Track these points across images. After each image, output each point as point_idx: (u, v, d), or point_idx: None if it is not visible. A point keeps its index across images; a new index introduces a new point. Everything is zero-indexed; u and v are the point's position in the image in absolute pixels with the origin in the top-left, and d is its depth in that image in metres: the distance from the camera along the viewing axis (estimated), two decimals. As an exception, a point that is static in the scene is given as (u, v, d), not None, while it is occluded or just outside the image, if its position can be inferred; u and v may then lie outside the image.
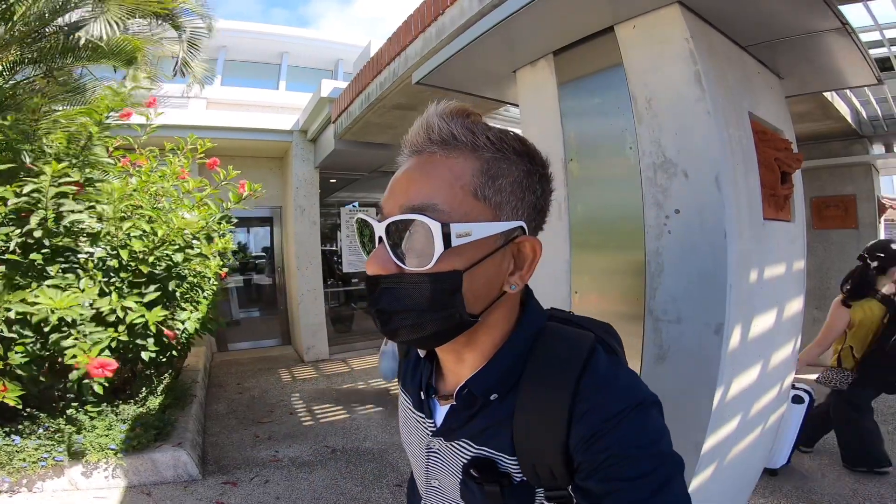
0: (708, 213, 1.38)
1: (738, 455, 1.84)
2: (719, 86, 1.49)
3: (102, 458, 2.72)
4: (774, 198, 1.75)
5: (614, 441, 0.48)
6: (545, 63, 2.10)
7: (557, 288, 1.90)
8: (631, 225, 1.61)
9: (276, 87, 12.83)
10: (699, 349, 1.48)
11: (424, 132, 0.53)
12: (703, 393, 1.48)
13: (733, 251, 1.37)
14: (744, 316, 1.55)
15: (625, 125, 1.64)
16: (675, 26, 1.54)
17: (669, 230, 1.47)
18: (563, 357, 0.54)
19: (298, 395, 4.66)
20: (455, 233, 0.48)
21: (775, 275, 1.80)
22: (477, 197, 0.51)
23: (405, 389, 0.71)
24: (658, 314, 1.55)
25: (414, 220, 0.49)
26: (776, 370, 2.03)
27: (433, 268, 0.49)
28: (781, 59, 2.07)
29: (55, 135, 2.87)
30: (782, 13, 1.71)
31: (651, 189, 1.51)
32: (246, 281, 6.97)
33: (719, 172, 1.35)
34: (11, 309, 2.22)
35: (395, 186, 0.54)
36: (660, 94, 1.53)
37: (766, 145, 1.72)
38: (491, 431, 0.57)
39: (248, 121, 5.75)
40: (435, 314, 0.50)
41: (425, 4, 2.88)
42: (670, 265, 1.48)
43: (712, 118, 1.37)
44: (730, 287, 1.38)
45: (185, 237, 3.06)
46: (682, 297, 1.48)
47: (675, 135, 1.46)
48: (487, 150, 0.52)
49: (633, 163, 1.59)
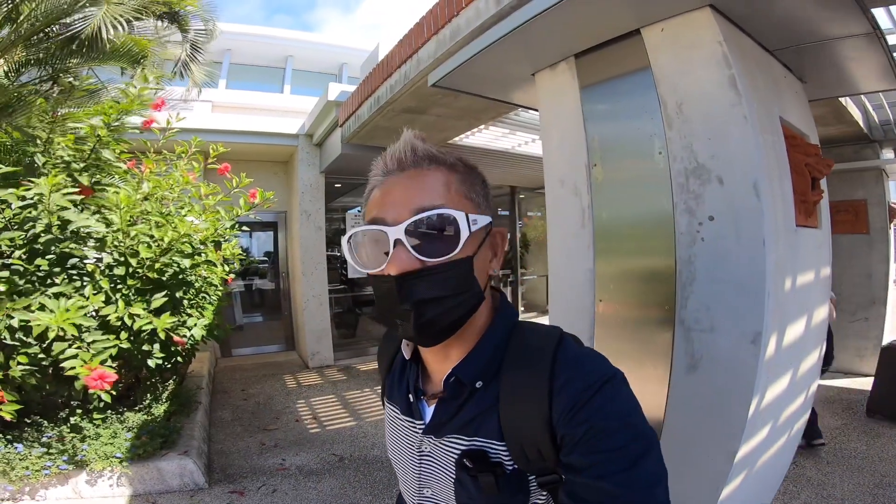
0: (744, 221, 1.33)
1: (766, 462, 1.80)
2: (753, 90, 1.46)
3: (107, 466, 2.66)
4: (805, 204, 1.71)
5: (593, 412, 0.52)
6: (566, 66, 2.06)
7: (580, 296, 1.86)
8: (660, 232, 1.57)
9: (281, 91, 12.81)
10: (734, 359, 1.44)
11: (411, 151, 0.60)
12: (737, 402, 1.45)
13: (771, 259, 1.33)
14: (779, 324, 1.51)
15: (653, 130, 1.60)
16: (708, 29, 1.50)
17: (703, 237, 1.43)
18: (537, 344, 0.61)
19: (304, 402, 4.59)
20: (472, 220, 0.57)
21: (806, 282, 1.76)
22: (466, 197, 0.60)
23: (392, 402, 0.75)
24: (689, 323, 1.51)
25: (438, 214, 0.56)
26: (804, 377, 2.00)
27: (457, 255, 0.57)
28: (806, 64, 2.04)
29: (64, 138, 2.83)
30: (812, 17, 1.68)
31: (683, 195, 1.47)
32: (248, 286, 6.91)
33: (757, 178, 1.31)
34: (14, 317, 2.16)
35: (394, 196, 0.59)
36: (691, 98, 1.49)
37: (797, 151, 1.68)
38: (479, 420, 0.61)
39: (253, 124, 5.70)
40: (462, 296, 0.58)
41: (438, 6, 2.84)
42: (703, 273, 1.44)
43: (748, 123, 1.33)
44: (768, 295, 1.34)
45: (193, 243, 3.01)
46: (715, 305, 1.43)
47: (709, 140, 1.42)
48: (458, 166, 0.62)
49: (662, 168, 1.55)
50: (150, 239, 2.77)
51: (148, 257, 2.72)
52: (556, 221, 1.98)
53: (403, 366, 0.72)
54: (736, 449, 1.45)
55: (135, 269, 2.72)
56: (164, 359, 2.86)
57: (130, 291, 2.70)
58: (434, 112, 3.83)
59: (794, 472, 2.90)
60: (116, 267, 2.68)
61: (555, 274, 1.99)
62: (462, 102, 3.57)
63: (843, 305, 4.63)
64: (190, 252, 2.99)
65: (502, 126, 4.50)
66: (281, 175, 6.60)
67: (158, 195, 3.09)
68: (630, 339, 1.74)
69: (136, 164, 3.23)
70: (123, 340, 2.55)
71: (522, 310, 7.91)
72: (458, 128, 4.27)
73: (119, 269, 2.68)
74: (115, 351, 2.51)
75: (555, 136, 2.03)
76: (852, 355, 4.74)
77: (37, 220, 2.42)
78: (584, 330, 1.86)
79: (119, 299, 2.60)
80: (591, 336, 1.85)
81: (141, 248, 2.70)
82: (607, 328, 1.80)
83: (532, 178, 7.18)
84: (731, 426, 1.45)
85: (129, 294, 2.69)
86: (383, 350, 0.82)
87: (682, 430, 1.58)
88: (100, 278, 2.58)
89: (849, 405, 4.03)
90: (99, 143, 2.79)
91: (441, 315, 0.57)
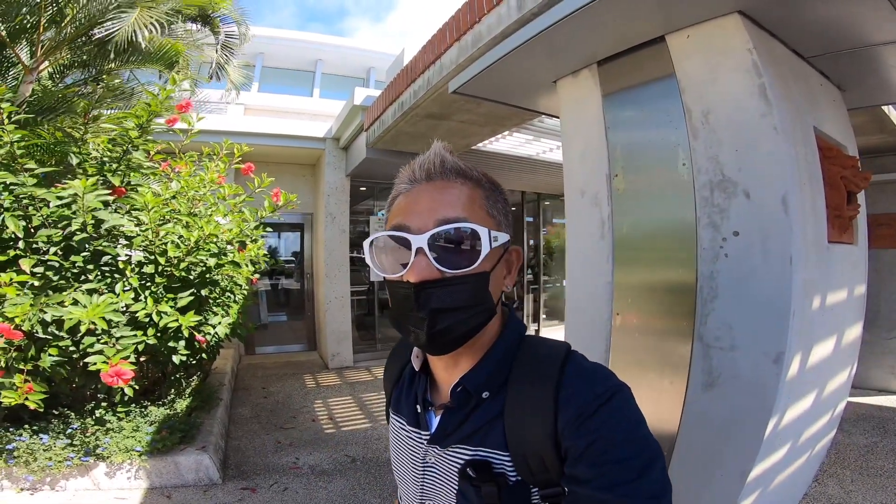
0: (772, 237, 1.27)
1: (782, 481, 1.73)
2: (785, 100, 1.39)
3: (126, 458, 2.74)
4: (839, 219, 1.62)
5: (600, 424, 0.52)
6: (588, 73, 2.02)
7: (598, 309, 1.81)
8: (681, 246, 1.51)
9: (311, 94, 13.06)
10: (754, 378, 1.38)
11: (440, 162, 0.61)
12: (754, 422, 1.40)
13: (798, 278, 1.26)
14: (804, 344, 1.44)
15: (677, 139, 1.55)
16: (736, 36, 1.44)
17: (726, 253, 1.37)
18: (544, 357, 0.61)
19: (321, 402, 4.64)
20: (493, 236, 0.58)
21: (837, 301, 1.67)
22: (489, 214, 0.61)
23: (398, 414, 0.75)
24: (709, 340, 1.44)
25: (463, 228, 0.57)
26: (830, 397, 1.90)
27: (476, 269, 0.58)
28: (844, 71, 1.94)
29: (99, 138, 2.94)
30: (850, 23, 1.60)
31: (706, 209, 1.41)
32: (274, 285, 7.03)
33: (786, 193, 1.25)
34: (47, 312, 2.25)
35: (420, 206, 0.60)
36: (718, 107, 1.43)
37: (832, 163, 1.59)
38: (484, 430, 0.61)
39: (283, 127, 5.81)
40: (476, 309, 0.59)
41: (461, 12, 2.84)
42: (726, 290, 1.38)
43: (779, 134, 1.27)
44: (793, 315, 1.27)
45: (219, 243, 3.08)
46: (737, 323, 1.37)
47: (736, 151, 1.36)
48: (484, 182, 0.63)
49: (685, 179, 1.50)
50: (178, 238, 2.85)
51: (175, 256, 2.79)
52: (576, 232, 1.94)
53: (412, 378, 0.73)
54: (749, 468, 1.42)
55: (163, 268, 2.79)
56: (188, 355, 2.93)
57: (159, 289, 2.78)
58: (457, 118, 3.82)
59: (815, 489, 2.77)
60: (146, 265, 2.77)
61: (572, 284, 1.95)
62: (485, 109, 3.55)
63: (881, 322, 4.42)
64: (216, 252, 3.06)
65: (526, 132, 4.46)
66: (308, 177, 6.71)
67: (189, 195, 3.18)
68: (647, 353, 1.68)
69: (168, 165, 3.33)
70: (150, 336, 2.62)
71: (544, 317, 7.81)
72: (482, 134, 4.25)
73: (148, 267, 2.76)
74: (142, 346, 2.58)
75: (576, 145, 1.99)
76: (887, 373, 4.52)
77: (72, 219, 2.52)
78: (601, 342, 1.81)
79: (148, 296, 2.68)
80: (606, 349, 1.80)
81: (169, 246, 2.78)
82: (624, 341, 1.75)
83: (557, 186, 7.09)
84: (746, 446, 1.42)
85: (157, 291, 2.77)
86: (391, 364, 0.82)
87: (695, 447, 1.54)
88: (130, 276, 2.66)
89: (880, 423, 3.84)
90: (130, 144, 2.89)
91: (454, 326, 0.58)
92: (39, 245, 2.51)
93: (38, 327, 2.27)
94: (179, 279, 2.87)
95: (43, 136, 3.27)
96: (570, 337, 1.96)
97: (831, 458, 3.10)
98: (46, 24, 3.95)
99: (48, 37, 4.05)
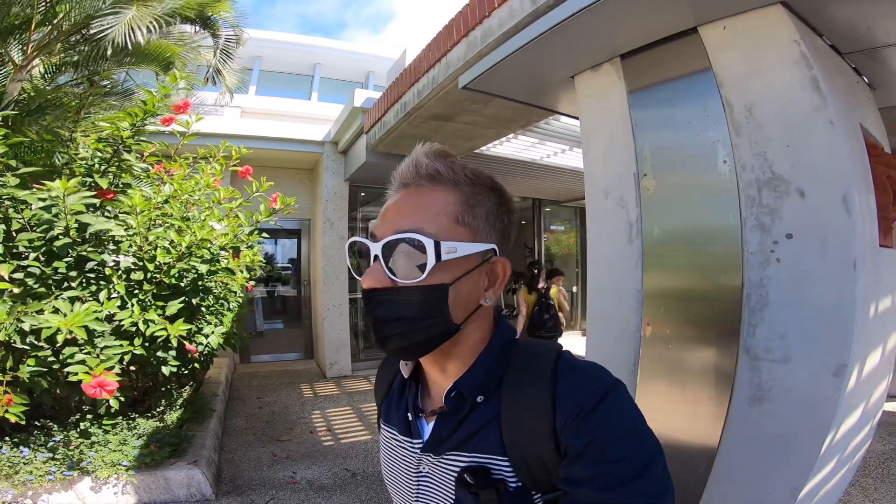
0: (832, 239, 1.15)
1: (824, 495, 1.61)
2: (838, 92, 1.28)
3: (113, 473, 2.58)
4: (885, 221, 1.51)
5: (597, 423, 0.51)
6: (611, 68, 1.91)
7: (625, 318, 1.69)
8: (723, 250, 1.39)
9: (309, 98, 12.96)
10: (810, 391, 1.27)
11: (414, 168, 0.60)
12: (810, 438, 1.29)
13: (861, 283, 1.15)
14: (861, 354, 1.33)
15: (716, 136, 1.43)
16: (782, 27, 1.34)
17: (778, 258, 1.25)
18: (537, 357, 0.60)
19: (319, 413, 4.48)
20: (444, 249, 0.55)
21: (885, 308, 1.56)
22: (459, 222, 0.58)
23: (388, 424, 0.73)
24: (758, 352, 1.32)
25: (409, 238, 0.56)
26: (873, 408, 1.81)
27: (424, 280, 0.55)
28: (878, 69, 1.85)
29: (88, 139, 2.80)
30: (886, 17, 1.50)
31: (753, 209, 1.30)
32: (271, 292, 6.87)
33: (847, 191, 1.13)
34: (25, 321, 2.10)
35: (387, 214, 0.60)
36: (764, 101, 1.32)
37: (878, 161, 1.49)
38: (480, 435, 0.59)
39: (280, 131, 5.69)
40: (424, 322, 0.57)
41: (469, 7, 2.73)
42: (777, 297, 1.26)
43: (836, 129, 1.16)
44: (856, 324, 1.16)
45: (212, 249, 2.93)
46: (791, 334, 1.25)
47: (787, 147, 1.25)
48: (466, 184, 0.60)
49: (727, 179, 1.38)
50: (168, 243, 2.70)
51: (165, 262, 2.65)
52: (599, 237, 1.82)
53: (403, 386, 0.72)
54: (802, 485, 1.32)
55: (152, 274, 2.65)
56: (179, 366, 2.78)
57: (147, 296, 2.63)
58: (461, 119, 3.71)
59: (840, 499, 2.67)
60: (134, 271, 2.62)
61: (596, 293, 1.82)
62: (491, 110, 3.44)
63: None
64: (209, 258, 2.92)
65: (532, 135, 4.36)
66: (306, 182, 6.58)
67: (182, 198, 3.04)
68: (682, 365, 1.56)
69: (162, 168, 3.19)
70: (137, 346, 2.47)
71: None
72: (486, 136, 4.14)
73: (136, 273, 2.61)
74: (128, 357, 2.43)
75: (598, 144, 1.88)
76: (904, 378, 4.44)
77: (54, 223, 2.37)
78: (629, 354, 1.69)
79: (135, 304, 2.53)
80: (635, 361, 1.68)
81: (159, 252, 2.64)
82: (655, 352, 1.62)
83: (559, 191, 6.99)
84: (800, 462, 1.31)
85: (145, 299, 2.62)
86: (381, 375, 0.81)
87: (740, 463, 1.43)
88: (116, 282, 2.51)
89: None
90: (122, 145, 2.75)
91: (399, 336, 0.58)
92: (20, 250, 2.36)
93: (16, 337, 2.12)
94: (170, 286, 2.72)
95: (29, 135, 3.13)
96: (593, 347, 1.83)
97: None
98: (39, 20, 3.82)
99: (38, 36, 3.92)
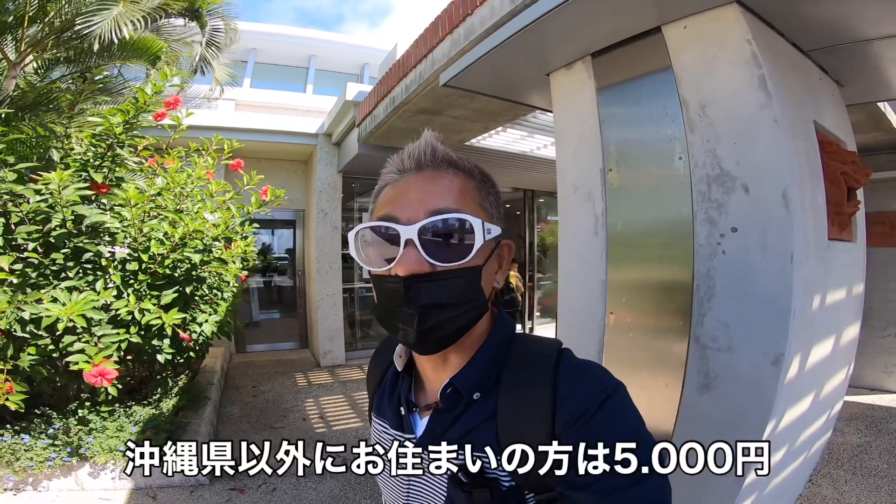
0: (772, 233, 1.22)
1: (777, 485, 1.69)
2: (786, 91, 1.35)
3: (110, 459, 2.68)
4: (839, 216, 1.58)
5: (599, 426, 0.50)
6: (582, 66, 1.97)
7: (591, 307, 1.77)
8: (677, 242, 1.47)
9: (304, 91, 12.93)
10: (752, 380, 1.34)
11: (431, 151, 0.59)
12: (752, 425, 1.36)
13: (799, 276, 1.22)
14: (803, 345, 1.40)
15: (674, 133, 1.50)
16: (734, 27, 1.39)
17: (724, 250, 1.33)
18: (537, 354, 0.59)
19: (312, 401, 4.58)
20: (487, 228, 0.55)
21: (836, 300, 1.63)
22: (481, 206, 0.59)
23: (380, 417, 0.72)
24: (705, 341, 1.40)
25: (456, 219, 0.54)
26: (828, 398, 1.88)
27: (468, 262, 0.55)
28: (844, 66, 1.90)
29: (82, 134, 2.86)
30: (848, 16, 1.56)
31: (703, 204, 1.37)
32: (267, 282, 6.96)
33: (787, 188, 1.20)
34: (25, 310, 2.18)
35: (409, 196, 0.57)
36: (716, 99, 1.39)
37: (832, 158, 1.55)
38: (475, 433, 0.58)
39: (274, 123, 5.74)
40: (468, 305, 0.56)
41: (453, 4, 2.77)
42: (723, 288, 1.33)
43: (780, 127, 1.23)
44: (793, 315, 1.23)
45: (205, 240, 3.01)
46: (735, 323, 1.32)
47: (735, 145, 1.31)
48: (475, 173, 0.61)
49: (682, 174, 1.45)
50: (162, 235, 2.78)
51: (159, 253, 2.72)
52: (569, 229, 1.89)
53: (395, 379, 0.70)
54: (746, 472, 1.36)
55: (147, 265, 2.73)
56: (174, 354, 2.87)
57: (142, 286, 2.71)
58: (450, 113, 3.76)
59: (809, 490, 2.75)
60: (129, 262, 2.70)
61: (565, 283, 1.90)
62: (478, 104, 3.49)
63: (874, 321, 4.40)
64: (202, 248, 2.99)
65: (520, 128, 4.40)
66: (301, 174, 6.63)
67: (175, 190, 3.10)
68: (641, 353, 1.64)
69: (155, 161, 3.25)
70: (133, 335, 2.56)
71: (538, 315, 7.78)
72: (475, 130, 4.19)
73: (132, 264, 2.69)
74: (124, 345, 2.52)
75: (569, 140, 1.94)
76: (880, 371, 4.53)
77: (51, 215, 2.45)
78: (594, 341, 1.77)
79: (130, 294, 2.61)
80: (600, 349, 1.76)
81: (153, 243, 2.71)
82: (618, 341, 1.70)
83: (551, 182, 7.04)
84: None
85: (140, 289, 2.70)
86: (374, 366, 0.79)
87: None
88: (112, 273, 2.59)
89: (872, 422, 3.83)
90: (115, 140, 2.81)
91: (444, 322, 0.55)
92: (19, 242, 2.43)
93: (17, 326, 2.20)
94: (164, 276, 2.80)
95: (25, 131, 3.18)
96: (563, 335, 1.92)
97: (825, 459, 3.09)
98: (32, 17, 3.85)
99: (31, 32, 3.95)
